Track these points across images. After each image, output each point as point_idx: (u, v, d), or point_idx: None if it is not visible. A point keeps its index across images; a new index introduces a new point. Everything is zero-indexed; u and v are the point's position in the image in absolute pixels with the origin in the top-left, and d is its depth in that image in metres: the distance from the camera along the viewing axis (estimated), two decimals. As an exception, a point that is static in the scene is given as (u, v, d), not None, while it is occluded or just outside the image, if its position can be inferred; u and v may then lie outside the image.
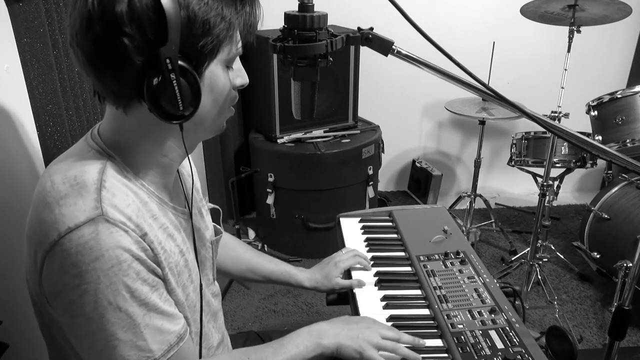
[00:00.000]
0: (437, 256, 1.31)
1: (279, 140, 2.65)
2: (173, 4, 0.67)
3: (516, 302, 1.20)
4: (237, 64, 0.84)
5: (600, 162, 2.61)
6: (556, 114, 2.10)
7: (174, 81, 0.70)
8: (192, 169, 1.03)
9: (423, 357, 0.99)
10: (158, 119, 0.74)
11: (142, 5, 0.67)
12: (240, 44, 0.80)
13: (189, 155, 1.07)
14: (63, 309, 0.72)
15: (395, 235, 1.46)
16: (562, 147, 2.36)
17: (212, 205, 1.16)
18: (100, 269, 0.69)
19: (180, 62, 0.70)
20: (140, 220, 0.75)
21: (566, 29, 2.14)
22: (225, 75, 0.80)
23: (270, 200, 2.66)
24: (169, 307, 0.78)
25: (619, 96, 2.07)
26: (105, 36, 0.69)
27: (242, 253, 1.30)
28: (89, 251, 0.69)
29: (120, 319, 0.71)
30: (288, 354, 0.92)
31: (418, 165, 3.38)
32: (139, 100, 0.74)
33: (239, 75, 0.84)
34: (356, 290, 1.22)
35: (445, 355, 1.00)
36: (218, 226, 1.11)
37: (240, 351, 0.93)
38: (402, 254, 1.36)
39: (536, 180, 2.45)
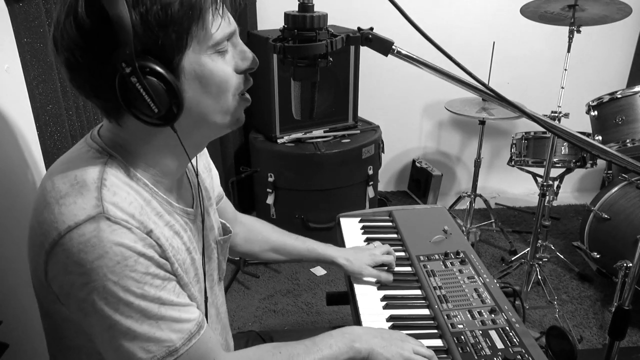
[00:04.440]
0: (437, 256, 1.31)
1: (279, 140, 2.65)
2: (118, 9, 0.64)
3: (516, 302, 1.20)
4: (240, 46, 0.79)
5: (600, 162, 2.61)
6: (556, 114, 2.10)
7: (137, 84, 0.67)
8: (196, 167, 0.99)
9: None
10: (147, 125, 0.72)
11: (87, 20, 0.67)
12: (219, 24, 0.73)
13: (205, 150, 1.07)
14: (76, 307, 0.72)
15: (395, 235, 1.46)
16: (562, 147, 2.36)
17: None
18: (105, 266, 0.67)
19: (145, 63, 0.67)
20: (144, 218, 0.73)
21: (566, 29, 2.14)
22: (217, 63, 0.75)
23: (270, 200, 2.66)
24: (183, 299, 0.77)
25: (619, 96, 2.07)
26: (69, 57, 0.70)
27: (267, 235, 1.32)
28: (92, 249, 0.67)
29: (134, 313, 0.70)
30: (320, 354, 0.91)
31: (418, 165, 3.38)
32: (125, 111, 0.72)
33: (244, 58, 0.79)
34: (356, 290, 1.22)
35: (445, 355, 1.00)
36: (228, 224, 1.09)
37: (271, 345, 0.92)
38: (402, 254, 1.36)
39: (536, 180, 2.44)
